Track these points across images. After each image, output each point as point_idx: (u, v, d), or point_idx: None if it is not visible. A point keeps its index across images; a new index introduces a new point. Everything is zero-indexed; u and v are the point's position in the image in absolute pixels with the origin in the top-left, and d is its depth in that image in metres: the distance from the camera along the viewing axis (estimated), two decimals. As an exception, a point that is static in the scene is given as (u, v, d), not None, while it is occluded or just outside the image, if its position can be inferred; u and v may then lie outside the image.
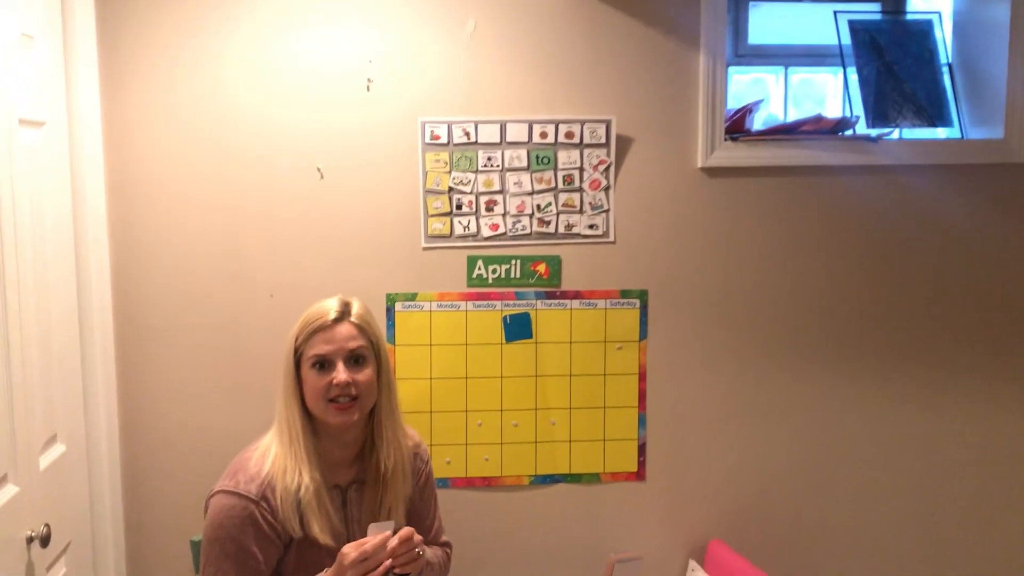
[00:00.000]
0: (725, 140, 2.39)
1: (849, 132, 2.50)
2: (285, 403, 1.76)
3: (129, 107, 2.22)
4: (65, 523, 2.00)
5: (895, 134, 2.58)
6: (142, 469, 2.31)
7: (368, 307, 1.82)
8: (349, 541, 1.67)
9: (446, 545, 1.99)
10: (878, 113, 2.54)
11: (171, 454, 2.32)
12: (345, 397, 1.71)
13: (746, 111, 2.48)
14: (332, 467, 1.79)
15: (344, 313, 1.75)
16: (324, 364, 1.72)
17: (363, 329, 1.76)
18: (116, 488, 2.25)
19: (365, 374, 1.74)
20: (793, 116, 2.67)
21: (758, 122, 2.56)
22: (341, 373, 1.71)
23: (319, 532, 1.71)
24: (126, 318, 2.27)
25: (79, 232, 2.12)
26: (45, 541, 1.81)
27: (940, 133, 2.63)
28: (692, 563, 2.48)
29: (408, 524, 1.80)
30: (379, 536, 1.63)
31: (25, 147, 1.83)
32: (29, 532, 1.79)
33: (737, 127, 2.45)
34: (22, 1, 1.83)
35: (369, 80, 2.28)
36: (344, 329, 1.74)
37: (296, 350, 1.75)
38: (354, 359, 1.74)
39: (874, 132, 2.50)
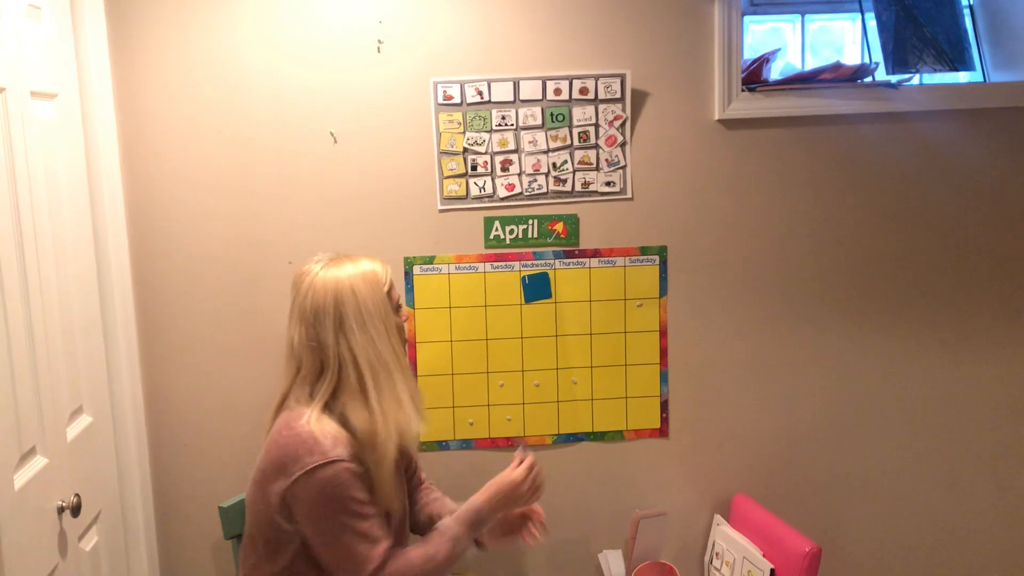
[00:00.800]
0: (742, 91, 2.36)
1: (868, 79, 2.46)
2: (395, 350, 1.80)
3: (140, 74, 2.21)
4: (95, 492, 2.02)
5: (915, 80, 2.53)
6: (167, 437, 2.33)
7: None
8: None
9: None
10: (898, 59, 2.49)
11: (195, 421, 2.33)
12: None
13: (763, 61, 2.44)
14: None
15: None
16: (400, 307, 1.89)
17: None
18: (143, 456, 2.27)
19: None
20: (811, 65, 2.62)
21: (775, 72, 2.52)
22: (404, 308, 1.93)
23: (390, 470, 1.78)
24: (145, 287, 2.28)
25: (95, 202, 2.12)
26: (76, 510, 1.83)
27: (962, 77, 2.57)
28: (717, 517, 2.48)
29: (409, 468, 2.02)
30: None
31: (38, 119, 1.82)
32: (60, 502, 1.81)
33: (754, 78, 2.41)
34: (28, -29, 1.81)
35: (379, 41, 2.25)
36: None
37: (386, 297, 1.82)
38: None
39: (894, 79, 2.46)
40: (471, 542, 1.86)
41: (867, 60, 2.53)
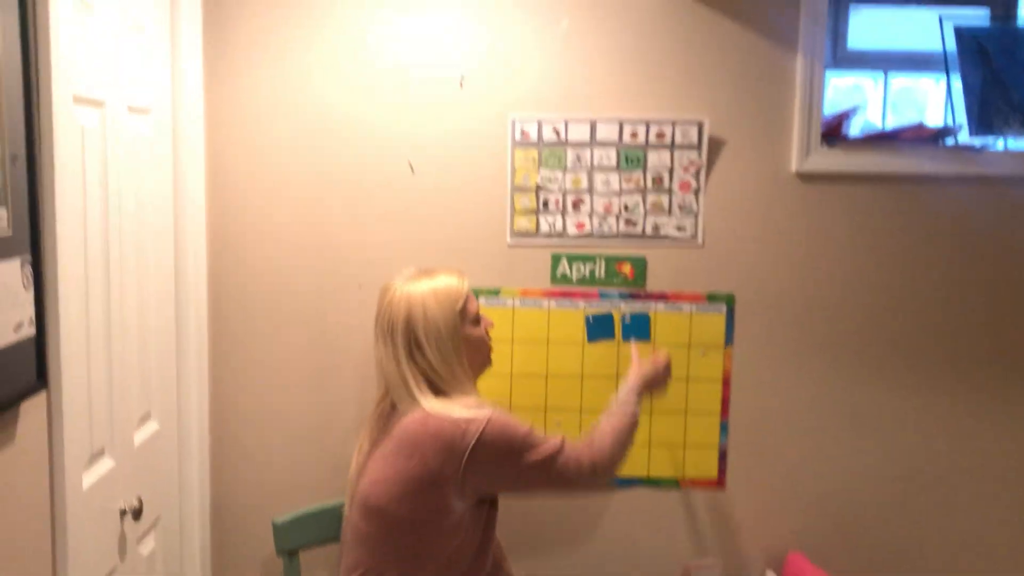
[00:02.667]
0: (821, 145, 2.34)
1: (951, 141, 2.43)
2: (461, 365, 1.91)
3: (230, 97, 2.28)
4: (155, 499, 2.07)
5: (1000, 144, 2.49)
6: (229, 450, 2.38)
7: None
8: None
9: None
10: (982, 122, 2.45)
11: (257, 437, 2.37)
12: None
13: (843, 116, 2.42)
14: None
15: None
16: (478, 318, 1.97)
17: None
18: (204, 467, 2.32)
19: None
20: (892, 123, 2.60)
21: (855, 128, 2.50)
22: (487, 317, 2.02)
23: None
24: (220, 303, 2.33)
25: (179, 217, 2.18)
26: (137, 514, 1.87)
27: (1048, 144, 2.52)
28: (769, 574, 2.43)
29: None
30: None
31: (132, 133, 1.90)
32: (123, 505, 1.86)
33: (833, 132, 2.40)
34: (135, -8, 1.90)
35: (463, 77, 2.29)
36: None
37: (461, 314, 1.91)
38: None
39: (977, 142, 2.42)
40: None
41: (950, 122, 2.49)
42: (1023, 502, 2.47)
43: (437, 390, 1.88)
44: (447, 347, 1.88)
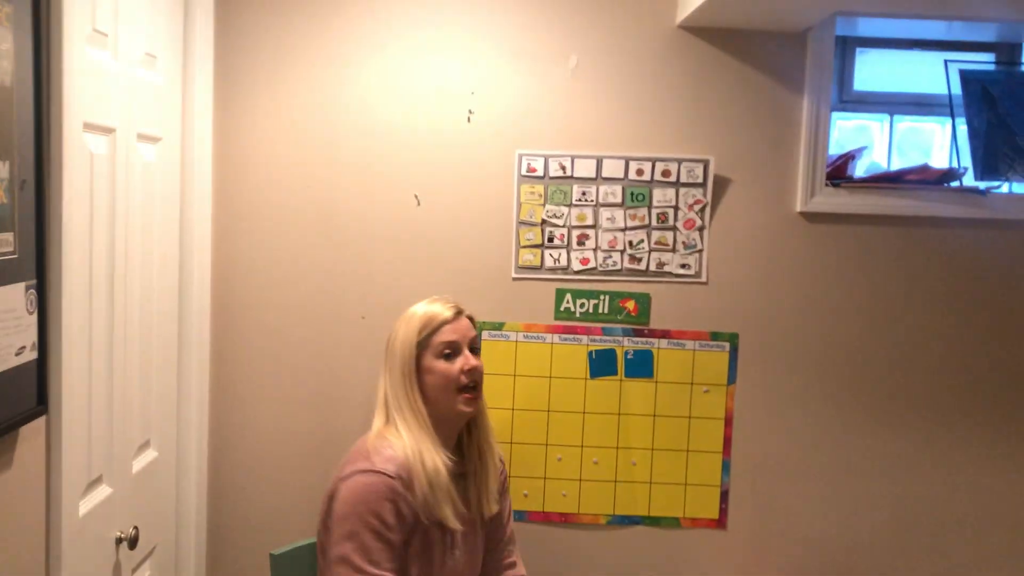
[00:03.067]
0: (826, 185, 2.35)
1: (956, 183, 2.43)
2: (406, 394, 1.86)
3: (238, 127, 2.30)
4: (152, 527, 2.05)
5: (1004, 187, 2.49)
6: (227, 480, 2.36)
7: None
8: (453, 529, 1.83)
9: None
10: (987, 166, 2.46)
11: (256, 467, 2.36)
12: (471, 385, 1.86)
13: (848, 158, 2.44)
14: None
15: (460, 310, 1.92)
16: (452, 353, 1.86)
17: (474, 323, 1.95)
18: (202, 497, 2.30)
19: (481, 363, 1.91)
20: (897, 165, 2.61)
21: (860, 169, 2.51)
22: (470, 359, 1.87)
23: (450, 516, 1.81)
24: (222, 332, 2.33)
25: (184, 246, 2.19)
26: (133, 543, 1.85)
27: (1053, 189, 2.53)
28: (770, 618, 2.41)
29: (491, 525, 1.97)
30: None
31: (141, 161, 1.91)
32: (119, 533, 1.84)
33: (839, 174, 2.41)
34: (149, 22, 1.92)
35: (470, 111, 2.31)
36: (464, 322, 1.92)
37: (419, 344, 1.86)
38: (473, 349, 1.91)
39: (982, 185, 2.42)
40: None
41: (956, 165, 2.50)
42: (1021, 548, 2.45)
43: (390, 416, 1.87)
44: (397, 372, 1.86)
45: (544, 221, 2.34)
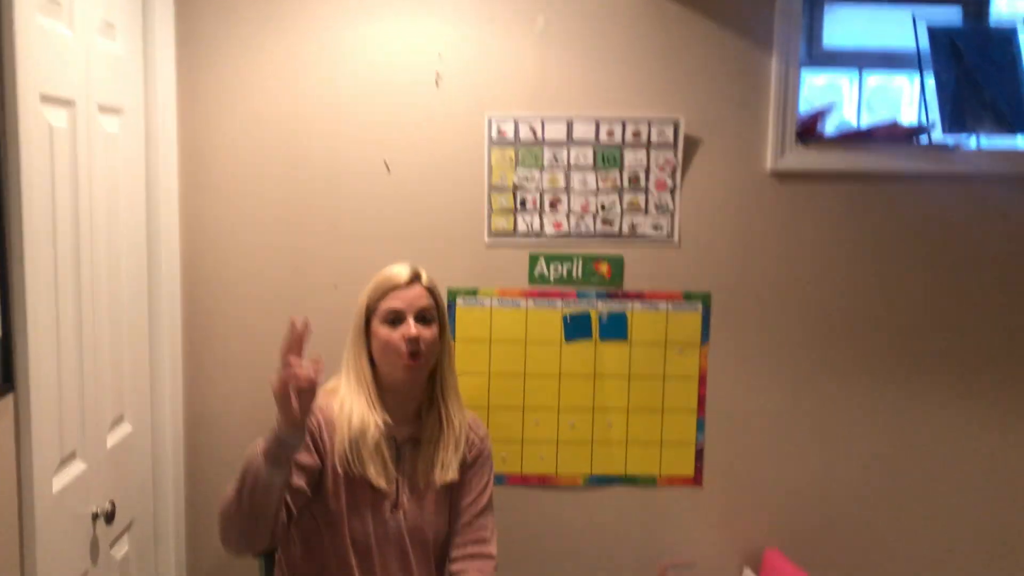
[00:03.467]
0: (796, 144, 2.35)
1: (925, 139, 2.44)
2: (355, 354, 1.91)
3: (203, 96, 2.27)
4: (129, 501, 2.05)
5: (973, 142, 2.50)
6: (204, 451, 2.36)
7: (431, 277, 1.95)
8: (398, 490, 1.88)
9: (488, 558, 1.98)
10: (955, 120, 2.46)
11: (233, 438, 2.35)
12: (413, 350, 1.85)
13: (818, 115, 2.43)
14: (392, 420, 1.90)
15: (416, 276, 1.91)
16: (396, 319, 1.87)
17: (431, 292, 1.92)
18: (179, 468, 2.30)
19: (431, 332, 1.88)
20: (867, 121, 2.61)
21: (830, 127, 2.50)
22: (411, 327, 1.85)
23: (374, 475, 1.85)
24: (193, 304, 2.31)
25: (152, 218, 2.17)
26: (109, 518, 1.85)
27: (1021, 142, 2.54)
28: (747, 571, 2.44)
29: (458, 496, 1.97)
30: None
31: (104, 133, 1.88)
32: (95, 508, 1.84)
33: (808, 131, 2.41)
34: (106, -10, 1.88)
35: (438, 74, 2.28)
36: (416, 290, 1.89)
37: (368, 307, 1.90)
38: (422, 318, 1.88)
39: (951, 140, 2.43)
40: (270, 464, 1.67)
41: (924, 120, 2.51)
42: (1000, 499, 2.49)
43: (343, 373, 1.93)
44: (351, 332, 1.92)
45: (516, 186, 2.33)
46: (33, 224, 1.53)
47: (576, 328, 2.38)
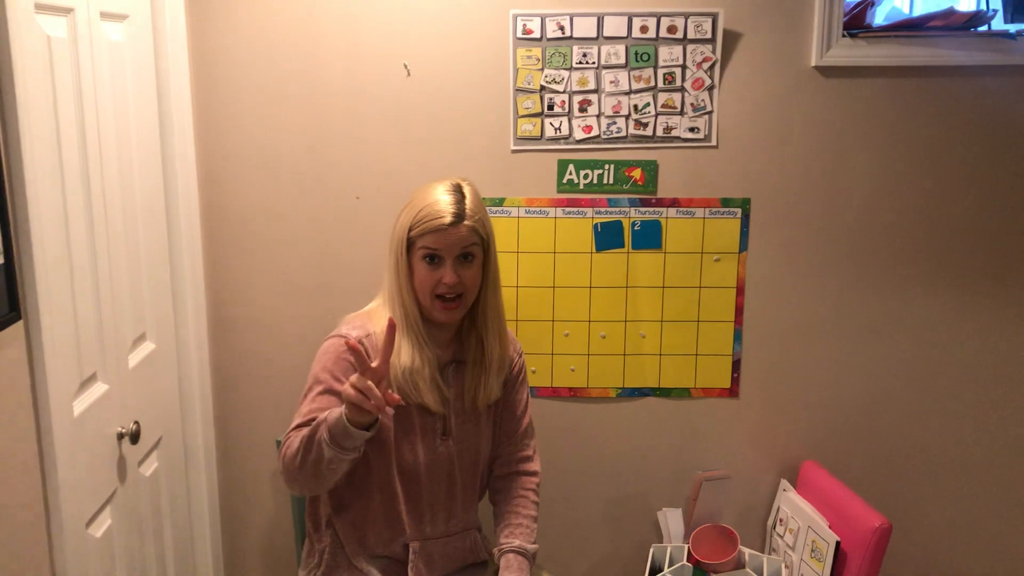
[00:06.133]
0: (843, 36, 2.19)
1: (983, 28, 2.27)
2: (397, 284, 1.80)
3: (213, 2, 2.15)
4: (155, 419, 2.04)
5: (1036, 30, 2.33)
6: (230, 367, 2.33)
7: (478, 194, 1.82)
8: (448, 415, 1.85)
9: (534, 475, 1.99)
10: (1018, 7, 2.29)
11: (259, 352, 2.33)
12: (451, 295, 1.76)
13: (867, 4, 2.27)
14: (433, 343, 1.84)
15: (459, 216, 1.75)
16: (435, 259, 1.76)
17: (476, 230, 1.77)
18: (206, 385, 2.28)
19: (472, 271, 1.78)
20: (920, 10, 2.44)
21: (880, 16, 2.35)
22: (449, 274, 1.75)
23: (431, 401, 1.81)
24: (212, 214, 2.25)
25: (164, 128, 2.08)
26: (135, 438, 1.84)
27: (1089, 29, 2.36)
28: (784, 483, 2.40)
29: (501, 417, 1.95)
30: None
31: (107, 41, 1.79)
32: (120, 428, 1.82)
33: (857, 22, 2.25)
34: None
35: (459, -31, 2.14)
36: (458, 232, 1.75)
37: (409, 235, 1.77)
38: (463, 256, 1.77)
39: (1012, 28, 2.26)
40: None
41: (983, 7, 2.33)
42: (1046, 406, 2.41)
43: (386, 301, 1.84)
44: (392, 259, 1.80)
45: (543, 87, 2.21)
46: (33, 142, 1.46)
47: (607, 237, 2.29)
